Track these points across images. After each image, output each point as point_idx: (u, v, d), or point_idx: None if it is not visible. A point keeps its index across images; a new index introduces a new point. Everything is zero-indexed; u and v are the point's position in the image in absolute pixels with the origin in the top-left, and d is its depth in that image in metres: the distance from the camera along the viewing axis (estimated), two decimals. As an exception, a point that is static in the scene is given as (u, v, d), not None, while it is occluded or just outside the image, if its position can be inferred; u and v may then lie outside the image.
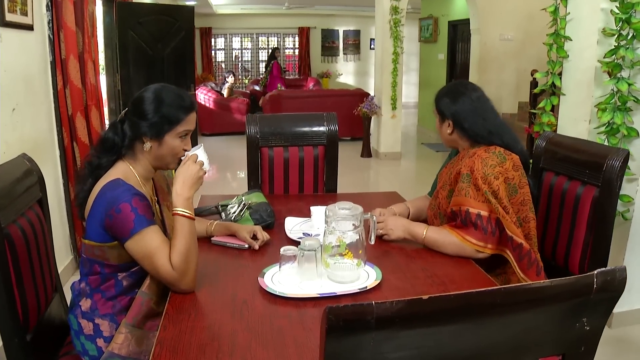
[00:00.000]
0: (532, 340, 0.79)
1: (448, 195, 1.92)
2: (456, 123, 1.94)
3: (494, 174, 1.79)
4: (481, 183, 1.78)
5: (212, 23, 13.01)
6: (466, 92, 1.95)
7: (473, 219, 1.78)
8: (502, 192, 1.79)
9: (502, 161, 1.81)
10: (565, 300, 0.77)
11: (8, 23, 2.66)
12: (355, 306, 0.64)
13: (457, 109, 1.93)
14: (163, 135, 1.58)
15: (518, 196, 1.85)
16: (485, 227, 1.78)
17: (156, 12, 5.41)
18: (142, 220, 1.46)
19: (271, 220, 2.06)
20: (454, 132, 1.96)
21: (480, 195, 1.78)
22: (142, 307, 1.53)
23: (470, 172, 1.81)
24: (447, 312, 0.68)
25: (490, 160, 1.81)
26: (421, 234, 1.87)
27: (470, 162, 1.83)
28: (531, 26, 7.26)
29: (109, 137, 1.60)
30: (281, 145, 2.64)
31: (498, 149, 1.84)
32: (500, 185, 1.79)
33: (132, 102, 1.62)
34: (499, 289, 0.70)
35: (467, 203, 1.80)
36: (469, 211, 1.79)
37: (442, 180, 2.02)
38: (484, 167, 1.80)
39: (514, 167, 1.83)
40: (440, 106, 1.98)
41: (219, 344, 1.28)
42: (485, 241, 1.79)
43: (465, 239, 1.79)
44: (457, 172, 1.88)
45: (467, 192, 1.80)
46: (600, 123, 2.89)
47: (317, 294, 1.49)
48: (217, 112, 9.30)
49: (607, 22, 2.88)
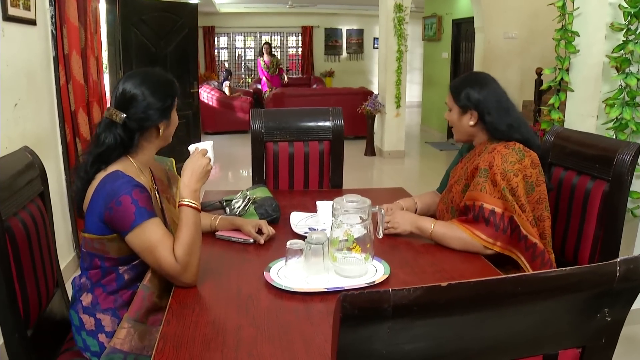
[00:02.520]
0: (552, 332, 0.76)
1: (463, 189, 1.88)
2: (481, 114, 1.87)
3: (513, 171, 1.74)
4: (500, 179, 1.73)
5: (215, 22, 12.99)
6: (490, 83, 1.90)
7: (486, 215, 1.74)
8: (521, 189, 1.74)
9: (522, 158, 1.77)
10: (587, 289, 0.74)
11: (10, 17, 2.64)
12: (371, 293, 0.61)
13: (482, 99, 1.86)
14: (170, 114, 1.61)
15: (534, 194, 1.80)
16: (498, 224, 1.73)
17: (159, 10, 5.38)
18: (143, 213, 1.43)
19: (276, 215, 2.03)
20: (477, 124, 1.89)
21: (497, 191, 1.74)
22: (145, 301, 1.50)
23: (489, 167, 1.76)
24: (466, 300, 0.65)
25: (510, 156, 1.76)
26: (429, 228, 1.83)
27: (490, 157, 1.78)
28: (535, 24, 7.21)
29: (111, 144, 1.53)
30: (286, 140, 2.61)
31: (517, 145, 1.79)
32: (519, 183, 1.74)
33: (125, 102, 1.54)
34: (520, 276, 0.66)
35: (481, 198, 1.76)
36: (483, 206, 1.75)
37: (457, 174, 1.97)
38: (503, 163, 1.75)
39: (532, 165, 1.79)
40: (462, 96, 1.89)
41: (223, 339, 1.25)
42: (495, 238, 1.74)
43: (474, 234, 1.75)
44: (474, 167, 1.83)
45: (483, 187, 1.76)
46: (608, 119, 2.85)
47: (325, 289, 1.46)
48: (221, 110, 9.28)
49: (615, 17, 2.85)
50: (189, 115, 5.80)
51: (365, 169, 6.95)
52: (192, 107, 5.89)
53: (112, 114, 1.53)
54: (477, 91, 1.86)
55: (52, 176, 1.76)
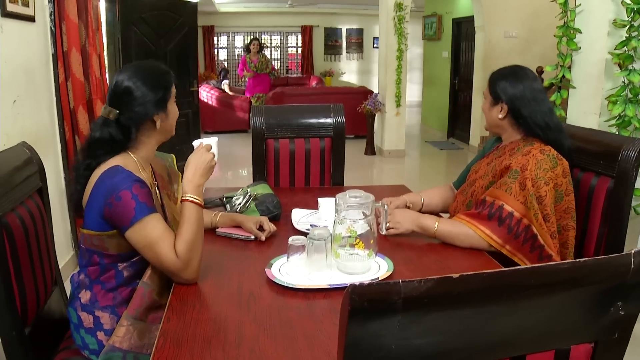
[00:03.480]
0: (564, 326, 0.73)
1: (487, 186, 1.83)
2: (512, 109, 1.83)
3: (544, 179, 1.70)
4: (530, 185, 1.69)
5: (214, 21, 12.96)
6: (527, 78, 1.85)
7: (503, 216, 1.70)
8: (549, 199, 1.71)
9: (554, 166, 1.73)
10: (600, 281, 0.72)
11: (9, 13, 2.62)
12: (381, 285, 0.59)
13: (516, 93, 1.82)
14: (166, 105, 1.57)
15: (563, 203, 1.77)
16: (512, 227, 1.69)
17: (159, 8, 5.35)
18: (143, 208, 1.41)
19: (278, 212, 2.00)
20: (506, 118, 1.86)
21: (522, 196, 1.70)
22: (144, 299, 1.47)
23: (521, 170, 1.72)
24: (478, 292, 0.63)
25: (544, 163, 1.72)
26: (432, 226, 1.80)
27: (524, 160, 1.74)
28: (536, 23, 7.20)
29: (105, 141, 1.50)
30: (287, 137, 2.59)
31: (552, 151, 1.76)
32: (549, 192, 1.71)
33: (119, 97, 1.51)
34: (533, 267, 0.64)
35: (504, 198, 1.72)
36: (503, 207, 1.71)
37: (482, 169, 1.93)
38: (537, 169, 1.71)
39: (563, 174, 1.75)
40: (496, 87, 1.86)
41: (225, 336, 1.23)
42: (505, 241, 1.70)
43: (483, 232, 1.71)
44: (505, 166, 1.78)
45: (510, 187, 1.72)
46: (611, 116, 2.84)
47: (327, 285, 1.44)
48: (220, 109, 9.26)
49: (617, 13, 2.84)
50: (188, 114, 5.77)
51: (365, 168, 6.93)
52: (192, 105, 5.87)
53: (107, 112, 1.51)
54: (512, 85, 1.83)
55: (51, 174, 1.73)
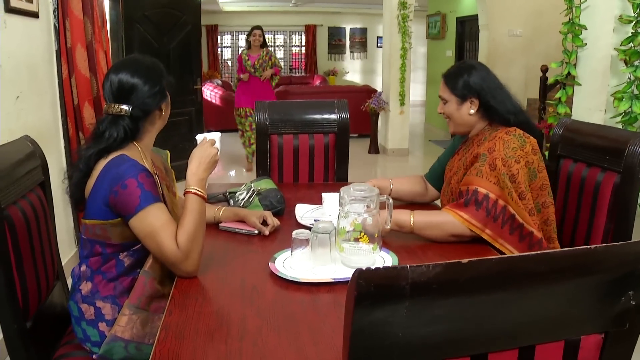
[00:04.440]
0: (574, 315, 0.72)
1: (461, 179, 1.82)
2: (483, 101, 1.82)
3: (515, 157, 1.70)
4: (500, 164, 1.68)
5: (218, 20, 12.95)
6: (485, 68, 1.87)
7: (479, 199, 1.67)
8: (522, 176, 1.70)
9: (523, 144, 1.73)
10: (611, 269, 0.70)
11: (12, 9, 2.61)
12: (388, 270, 0.57)
13: (481, 85, 1.82)
14: (166, 92, 1.60)
15: (537, 181, 1.76)
16: (490, 209, 1.66)
17: (162, 6, 5.34)
18: (148, 197, 1.41)
19: (281, 207, 1.99)
20: (477, 112, 1.85)
21: (494, 176, 1.68)
22: (146, 287, 1.46)
23: (489, 152, 1.72)
24: (487, 278, 0.62)
25: (512, 142, 1.71)
26: (408, 220, 1.73)
27: (491, 144, 1.74)
28: (540, 22, 7.18)
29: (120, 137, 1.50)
30: (291, 133, 2.58)
31: (518, 131, 1.75)
32: (521, 170, 1.70)
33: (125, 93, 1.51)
34: (544, 253, 0.63)
35: (476, 182, 1.70)
36: (477, 190, 1.68)
37: (455, 166, 1.92)
38: (505, 149, 1.70)
39: (532, 151, 1.75)
40: (460, 85, 1.84)
41: (227, 330, 1.21)
42: (485, 224, 1.66)
43: (462, 217, 1.67)
44: (474, 155, 1.78)
45: (480, 171, 1.71)
46: (617, 112, 2.82)
47: (332, 279, 1.43)
48: (223, 108, 9.24)
49: (623, 9, 2.82)
50: (192, 112, 5.76)
51: (369, 166, 6.92)
52: (195, 104, 5.86)
53: (117, 110, 1.50)
54: (477, 77, 1.83)
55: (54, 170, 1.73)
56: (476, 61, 1.92)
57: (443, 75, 1.93)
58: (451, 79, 1.88)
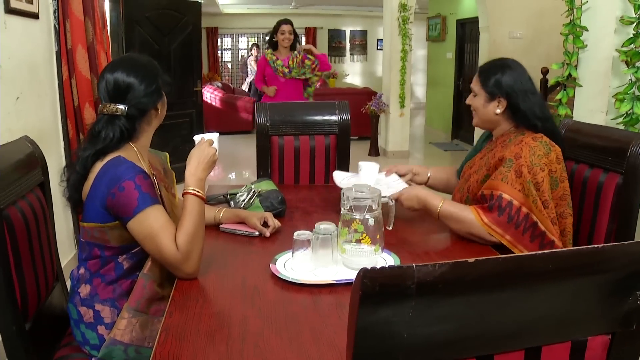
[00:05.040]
0: (581, 315, 0.71)
1: (483, 179, 1.81)
2: (511, 102, 1.79)
3: (540, 165, 1.67)
4: (526, 172, 1.67)
5: (218, 23, 12.96)
6: (519, 70, 1.81)
7: (503, 205, 1.67)
8: (546, 184, 1.68)
9: (548, 152, 1.70)
10: (618, 268, 0.69)
11: (13, 10, 2.60)
12: (393, 269, 0.56)
13: (513, 87, 1.78)
14: (162, 92, 1.59)
15: (558, 190, 1.75)
16: (513, 216, 1.66)
17: (163, 7, 5.34)
18: (146, 199, 1.39)
19: (282, 208, 1.98)
20: (503, 113, 1.82)
21: (519, 183, 1.67)
22: (145, 290, 1.45)
23: (515, 158, 1.69)
24: (493, 277, 0.61)
25: (538, 149, 1.69)
26: (436, 206, 1.77)
27: (517, 148, 1.71)
28: (541, 24, 7.17)
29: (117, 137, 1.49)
30: (292, 134, 2.57)
31: (544, 138, 1.72)
32: (545, 178, 1.68)
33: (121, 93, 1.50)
34: (551, 252, 0.62)
35: (501, 188, 1.69)
36: (502, 196, 1.68)
37: (477, 164, 1.91)
38: (531, 155, 1.68)
39: (557, 160, 1.73)
40: (489, 82, 1.81)
41: (228, 331, 1.20)
42: (505, 230, 1.67)
43: (483, 221, 1.68)
44: (499, 158, 1.75)
45: (505, 177, 1.69)
46: (618, 114, 2.81)
47: (333, 281, 1.41)
48: (224, 110, 9.25)
49: (625, 10, 2.81)
50: (192, 114, 5.76)
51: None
52: (196, 105, 5.85)
53: (113, 109, 1.49)
54: (509, 78, 1.78)
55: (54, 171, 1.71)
56: (514, 61, 1.87)
57: (479, 67, 1.91)
58: (484, 74, 1.84)
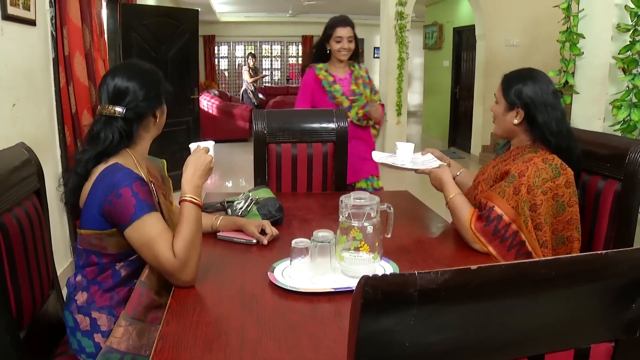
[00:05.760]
0: (584, 322, 0.70)
1: (488, 189, 1.80)
2: (528, 115, 1.76)
3: (542, 188, 1.65)
4: (524, 191, 1.65)
5: (215, 31, 12.99)
6: (543, 81, 1.77)
7: (492, 217, 1.68)
8: (544, 208, 1.66)
9: (556, 176, 1.67)
10: (621, 275, 0.68)
11: (9, 16, 2.60)
12: (395, 276, 0.55)
13: (533, 98, 1.74)
14: (162, 99, 1.58)
15: (565, 214, 1.72)
16: (499, 229, 1.67)
17: (160, 14, 5.35)
18: (143, 206, 1.38)
19: (280, 216, 1.97)
20: (521, 124, 1.79)
21: (514, 200, 1.66)
22: (142, 298, 1.44)
23: (518, 175, 1.68)
24: (496, 284, 0.60)
25: (544, 172, 1.66)
26: (448, 196, 1.85)
27: (524, 166, 1.69)
28: (537, 31, 7.21)
29: (116, 138, 1.48)
30: (289, 142, 2.56)
31: (556, 160, 1.70)
32: (545, 202, 1.66)
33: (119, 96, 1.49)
34: (554, 259, 0.61)
35: (496, 200, 1.69)
36: (493, 208, 1.68)
37: (487, 172, 1.90)
38: (535, 177, 1.66)
39: (566, 184, 1.70)
40: (510, 92, 1.79)
41: (226, 339, 1.19)
42: (490, 241, 1.68)
43: (471, 226, 1.71)
44: (505, 171, 1.74)
45: (503, 191, 1.69)
46: (615, 120, 2.81)
47: (332, 289, 1.40)
48: (220, 118, 9.25)
49: (621, 18, 2.82)
50: (189, 121, 5.74)
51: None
52: (193, 113, 5.85)
53: (110, 111, 1.48)
54: (529, 90, 1.75)
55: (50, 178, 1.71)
56: (540, 72, 1.82)
57: (504, 75, 1.88)
58: (508, 82, 1.82)
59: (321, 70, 3.02)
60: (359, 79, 3.05)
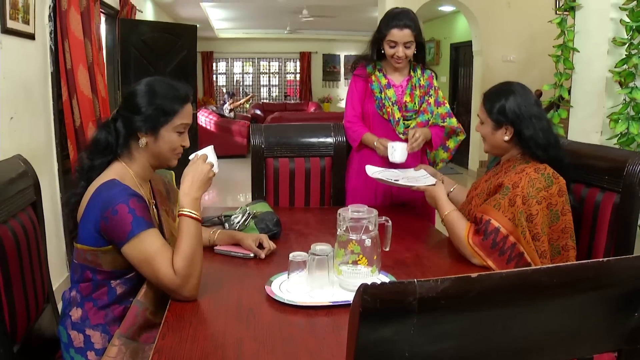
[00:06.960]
0: (586, 331, 0.69)
1: (482, 204, 1.80)
2: (517, 129, 1.75)
3: (537, 198, 1.65)
4: (520, 202, 1.65)
5: (213, 47, 13.07)
6: (526, 93, 1.77)
7: (489, 230, 1.67)
8: (540, 218, 1.66)
9: (549, 185, 1.68)
10: (623, 282, 0.68)
11: (9, 30, 2.61)
12: (395, 284, 0.55)
13: (517, 113, 1.73)
14: (159, 129, 1.51)
15: (559, 223, 1.72)
16: (497, 242, 1.66)
17: (159, 30, 5.38)
18: (140, 223, 1.35)
19: (277, 230, 1.96)
20: (512, 139, 1.78)
21: (510, 212, 1.66)
22: (138, 318, 1.41)
23: (512, 187, 1.67)
24: (497, 293, 0.59)
25: (537, 182, 1.66)
26: (443, 213, 1.85)
27: (517, 177, 1.69)
28: (534, 47, 7.25)
29: (101, 138, 1.50)
30: (287, 156, 2.55)
31: (548, 170, 1.70)
32: (541, 212, 1.66)
33: (125, 97, 1.54)
34: (556, 266, 0.60)
35: (492, 214, 1.68)
36: (490, 222, 1.67)
37: (480, 187, 1.90)
38: (529, 187, 1.65)
39: (559, 193, 1.70)
40: (494, 110, 1.78)
41: (223, 353, 1.17)
42: (488, 255, 1.67)
43: (468, 241, 1.70)
44: (498, 184, 1.74)
45: (499, 203, 1.68)
46: (613, 134, 2.82)
47: (330, 302, 1.39)
48: (218, 134, 9.25)
49: (617, 32, 2.84)
50: (187, 136, 5.74)
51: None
52: (191, 129, 5.83)
53: (113, 114, 1.53)
54: (513, 103, 1.74)
55: (46, 192, 1.70)
56: (518, 84, 1.81)
57: (483, 94, 1.87)
58: (489, 101, 1.81)
59: (375, 68, 2.45)
60: (415, 89, 2.45)
